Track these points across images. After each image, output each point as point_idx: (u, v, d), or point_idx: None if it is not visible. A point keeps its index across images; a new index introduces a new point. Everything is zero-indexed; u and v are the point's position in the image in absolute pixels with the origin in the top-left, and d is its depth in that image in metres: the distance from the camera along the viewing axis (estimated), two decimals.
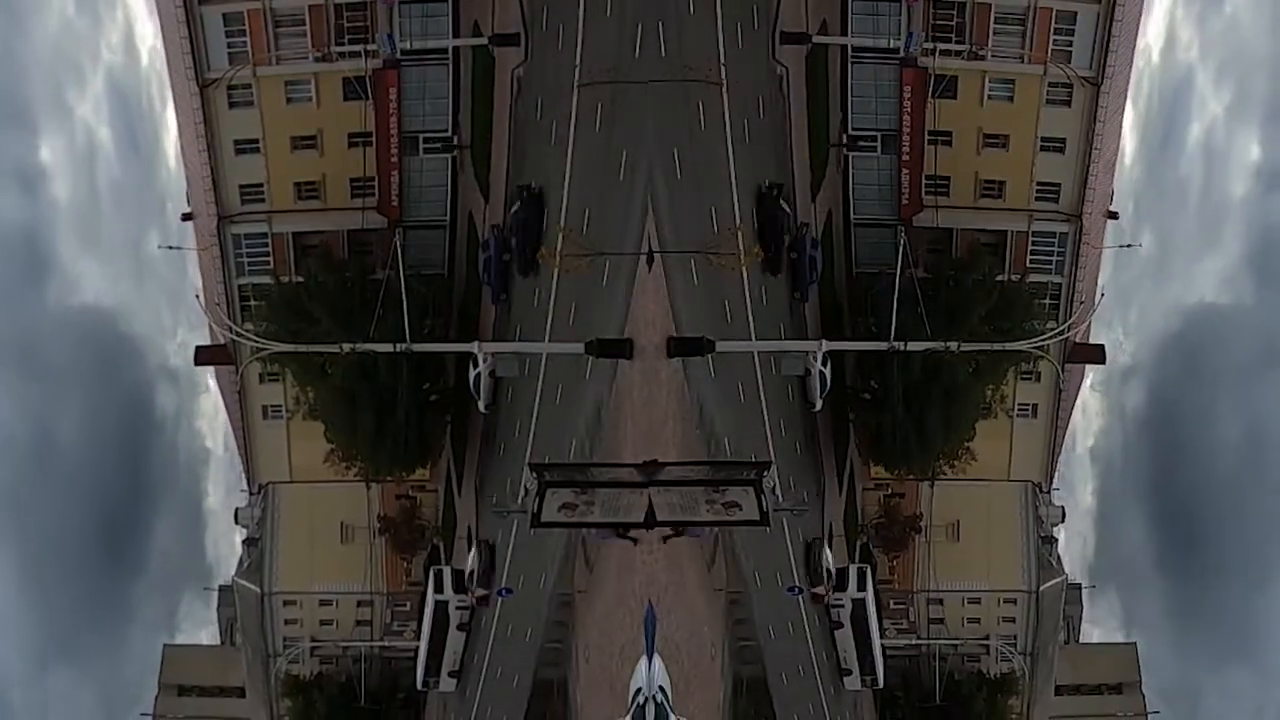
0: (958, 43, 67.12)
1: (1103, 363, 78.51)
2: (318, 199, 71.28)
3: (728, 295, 61.07)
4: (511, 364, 61.42)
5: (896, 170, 69.85)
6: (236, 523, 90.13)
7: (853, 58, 68.19)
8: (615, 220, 58.68)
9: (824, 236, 70.40)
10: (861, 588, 74.01)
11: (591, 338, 56.59)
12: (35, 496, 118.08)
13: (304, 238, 71.48)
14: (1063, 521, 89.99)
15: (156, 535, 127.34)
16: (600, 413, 62.07)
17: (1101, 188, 71.25)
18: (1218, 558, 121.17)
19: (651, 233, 57.14)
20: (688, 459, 59.32)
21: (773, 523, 55.45)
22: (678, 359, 58.64)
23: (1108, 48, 66.67)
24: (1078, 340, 74.22)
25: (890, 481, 79.62)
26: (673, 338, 57.62)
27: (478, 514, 76.63)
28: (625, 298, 58.37)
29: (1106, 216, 73.09)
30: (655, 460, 53.31)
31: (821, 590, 70.89)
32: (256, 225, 71.45)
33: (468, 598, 73.96)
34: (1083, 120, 68.82)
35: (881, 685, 78.04)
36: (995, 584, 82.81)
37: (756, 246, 61.53)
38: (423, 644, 75.36)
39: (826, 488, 77.56)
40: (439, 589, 74.09)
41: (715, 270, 59.73)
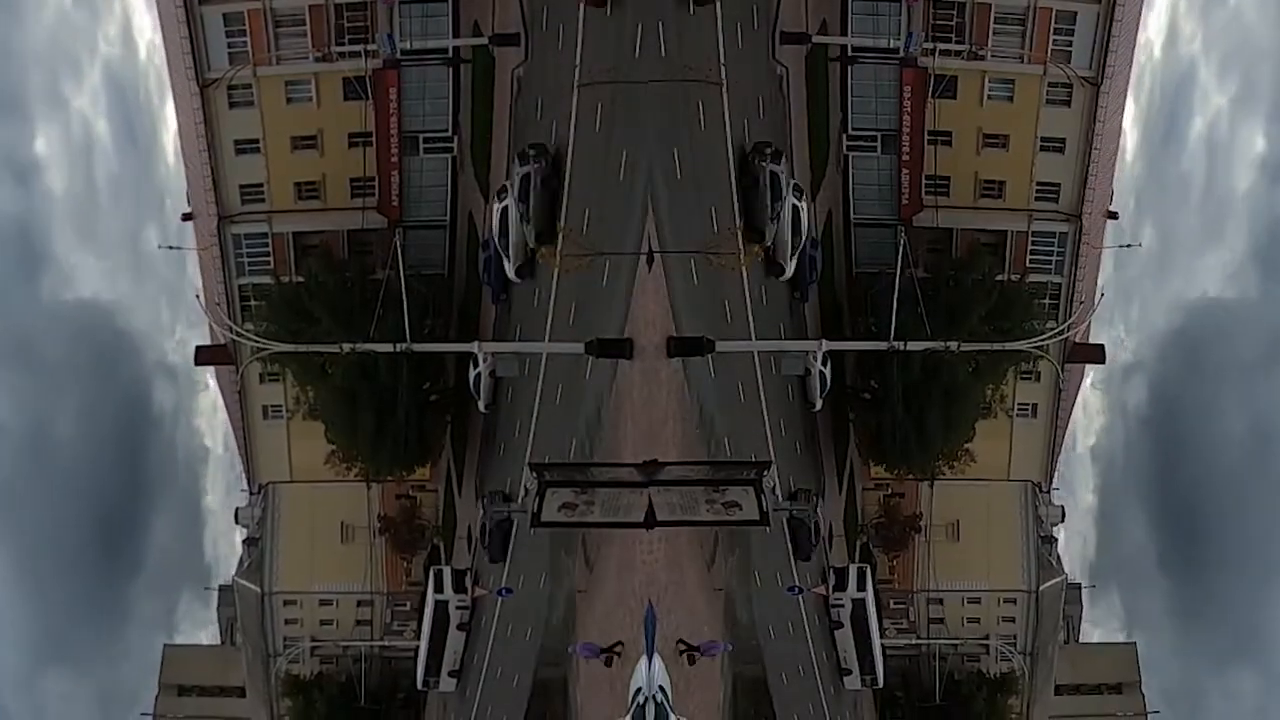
0: (957, 43, 67.14)
1: (1102, 362, 78.62)
2: (318, 199, 71.32)
3: (728, 295, 61.07)
4: (511, 364, 61.45)
5: (896, 170, 69.88)
6: (237, 522, 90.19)
7: (853, 58, 68.25)
8: (615, 220, 58.67)
9: (824, 236, 70.42)
10: (861, 587, 74.09)
11: (591, 338, 56.59)
12: (31, 493, 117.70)
13: (304, 238, 71.52)
14: (1062, 521, 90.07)
15: (154, 534, 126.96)
16: (600, 413, 62.08)
17: (1101, 187, 71.28)
18: (1220, 557, 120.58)
19: (651, 233, 57.11)
20: (688, 459, 59.34)
21: (773, 522, 55.66)
22: (678, 359, 58.63)
23: (1107, 47, 66.69)
24: (1077, 340, 74.27)
25: (890, 481, 79.67)
26: (673, 338, 57.61)
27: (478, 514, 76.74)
28: (625, 298, 58.36)
29: (1106, 216, 73.13)
30: (655, 460, 53.41)
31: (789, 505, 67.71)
32: (257, 225, 71.48)
33: (468, 596, 74.20)
34: (1082, 120, 68.85)
35: (881, 685, 78.08)
36: (995, 584, 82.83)
37: (757, 246, 61.51)
38: (423, 644, 75.43)
39: (826, 487, 77.62)
40: (439, 589, 74.20)
41: (715, 270, 59.72)
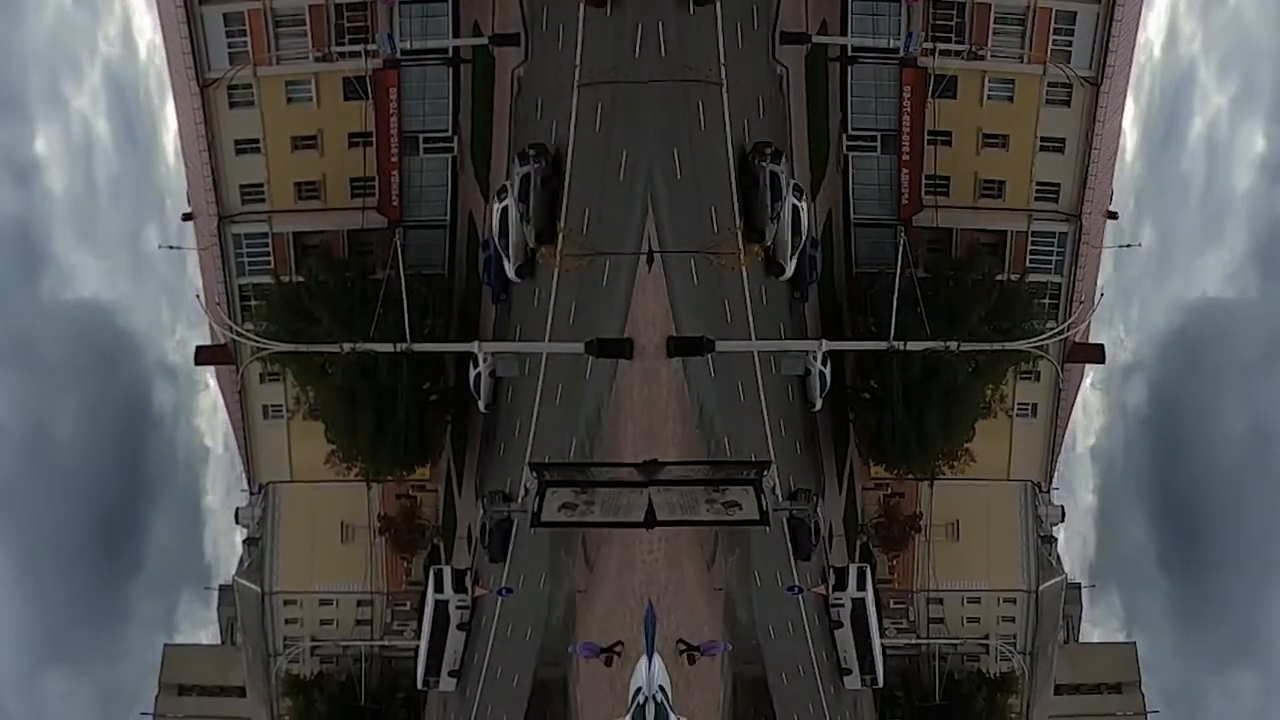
0: (957, 43, 67.18)
1: (1102, 362, 78.65)
2: (318, 199, 71.35)
3: (728, 295, 61.10)
4: (511, 364, 61.47)
5: (896, 170, 69.93)
6: (237, 522, 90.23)
7: (853, 58, 68.29)
8: (615, 220, 58.69)
9: (824, 236, 70.45)
10: (861, 587, 74.13)
11: (591, 338, 56.61)
12: (30, 493, 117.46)
13: (304, 237, 71.55)
14: (1062, 521, 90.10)
15: (154, 534, 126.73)
16: (600, 413, 62.11)
17: (1101, 187, 71.32)
18: (1220, 556, 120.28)
19: (651, 233, 57.13)
20: (688, 459, 59.36)
21: (772, 522, 55.69)
22: (678, 359, 58.65)
23: (1107, 47, 66.74)
24: (1077, 340, 74.31)
25: (890, 481, 79.72)
26: (673, 338, 57.62)
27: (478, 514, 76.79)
28: (625, 298, 58.38)
29: (1106, 216, 73.18)
30: (655, 460, 53.44)
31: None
32: (257, 225, 71.52)
33: (468, 596, 74.21)
34: (1082, 120, 68.88)
35: (881, 685, 78.11)
36: (995, 583, 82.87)
37: (757, 246, 61.54)
38: (423, 643, 75.44)
39: (826, 487, 77.65)
40: (439, 588, 74.21)
41: (715, 270, 59.74)
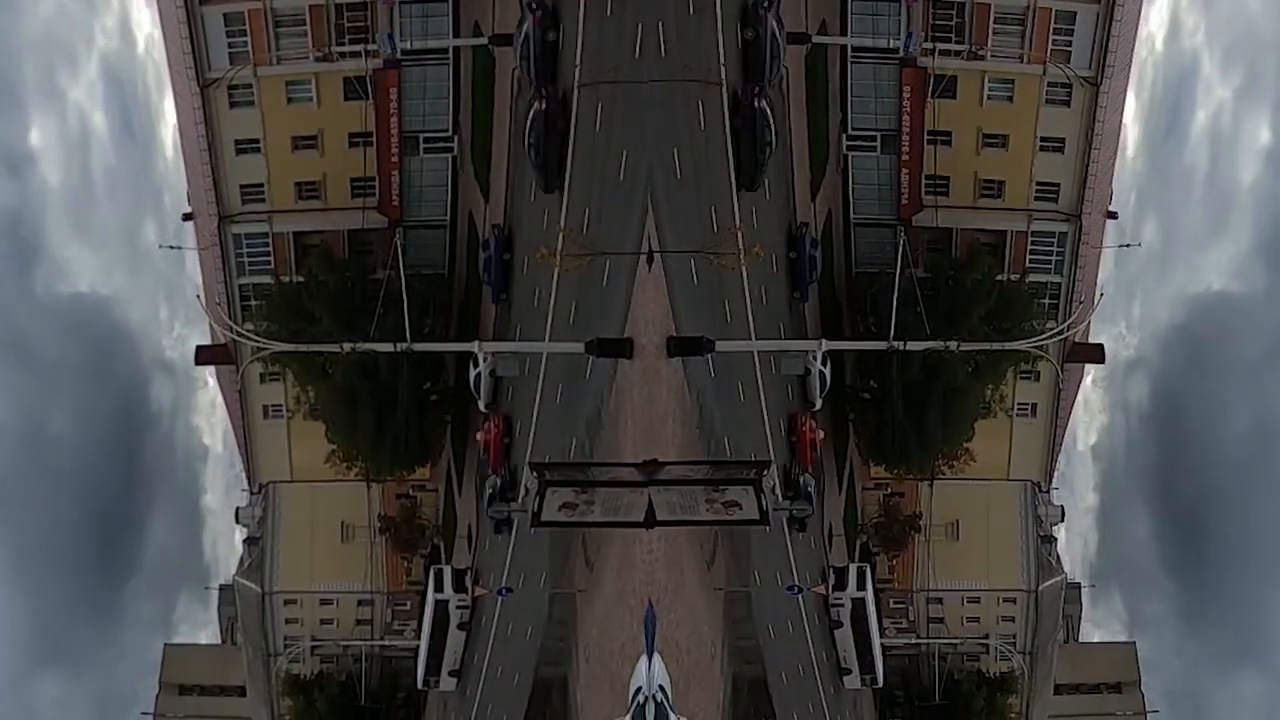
0: (957, 43, 67.25)
1: (1102, 362, 78.78)
2: (318, 199, 71.40)
3: (728, 295, 61.11)
4: (511, 363, 61.49)
5: (896, 170, 69.98)
6: (237, 522, 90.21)
7: (853, 58, 68.35)
8: (615, 220, 58.71)
9: (824, 236, 70.53)
10: (861, 587, 74.16)
11: (591, 338, 56.61)
12: (25, 491, 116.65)
13: (305, 237, 71.61)
14: (1062, 521, 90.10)
15: (152, 533, 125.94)
16: (600, 412, 62.12)
17: (1101, 187, 71.36)
18: (1224, 556, 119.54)
19: (651, 233, 57.14)
20: (688, 458, 59.37)
21: (772, 522, 55.68)
22: (677, 359, 58.67)
23: (1107, 47, 66.81)
24: (1077, 340, 74.37)
25: (890, 481, 79.78)
26: (673, 337, 57.62)
27: (478, 513, 76.78)
28: (625, 298, 58.40)
29: (1106, 216, 73.20)
30: (655, 459, 53.42)
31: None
32: (257, 225, 71.58)
33: (468, 595, 74.26)
34: (1082, 120, 68.94)
35: (881, 684, 78.18)
36: (994, 583, 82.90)
37: (757, 246, 61.58)
38: (423, 643, 75.49)
39: (826, 487, 77.65)
40: (439, 588, 74.24)
41: (715, 270, 59.74)
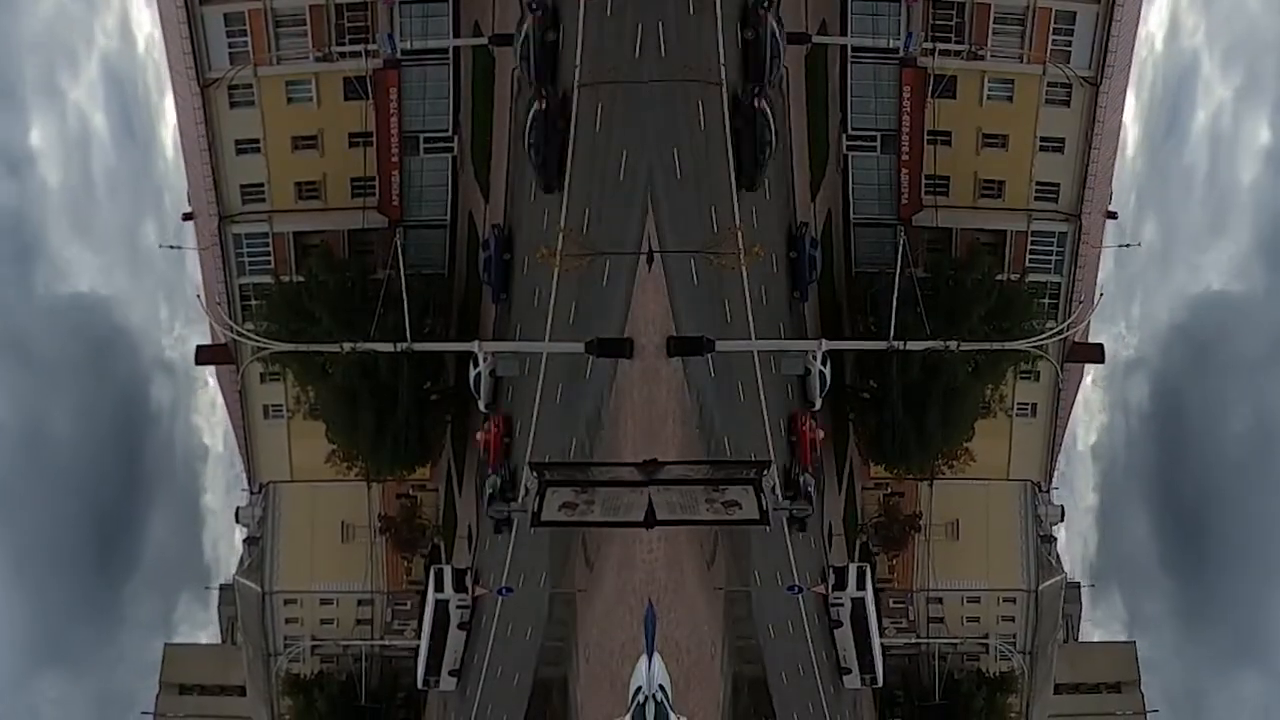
0: (957, 43, 67.28)
1: (1101, 362, 78.77)
2: (318, 199, 71.43)
3: (728, 295, 61.15)
4: (511, 363, 61.52)
5: (896, 170, 70.01)
6: (238, 522, 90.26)
7: (852, 58, 68.38)
8: (615, 220, 58.74)
9: (823, 236, 70.57)
10: (861, 587, 74.19)
11: (591, 337, 56.65)
12: (25, 491, 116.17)
13: (305, 237, 71.63)
14: (1062, 520, 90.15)
15: (152, 533, 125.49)
16: (600, 412, 62.15)
17: (1100, 187, 71.38)
18: (1224, 556, 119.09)
19: (651, 233, 57.18)
20: (687, 458, 59.40)
21: (772, 522, 55.72)
22: (677, 358, 58.71)
23: (1106, 47, 66.84)
24: (1077, 340, 74.40)
25: (890, 480, 79.81)
26: (673, 337, 57.66)
27: (478, 513, 76.83)
28: (625, 298, 58.43)
29: (1106, 216, 73.23)
30: (655, 459, 53.47)
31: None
32: (257, 225, 71.60)
33: (468, 595, 74.29)
34: (1082, 120, 68.97)
35: (881, 684, 78.19)
36: (994, 583, 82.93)
37: (757, 246, 61.62)
38: (423, 643, 75.51)
39: (826, 487, 77.68)
40: (439, 588, 74.27)
41: (715, 270, 59.78)
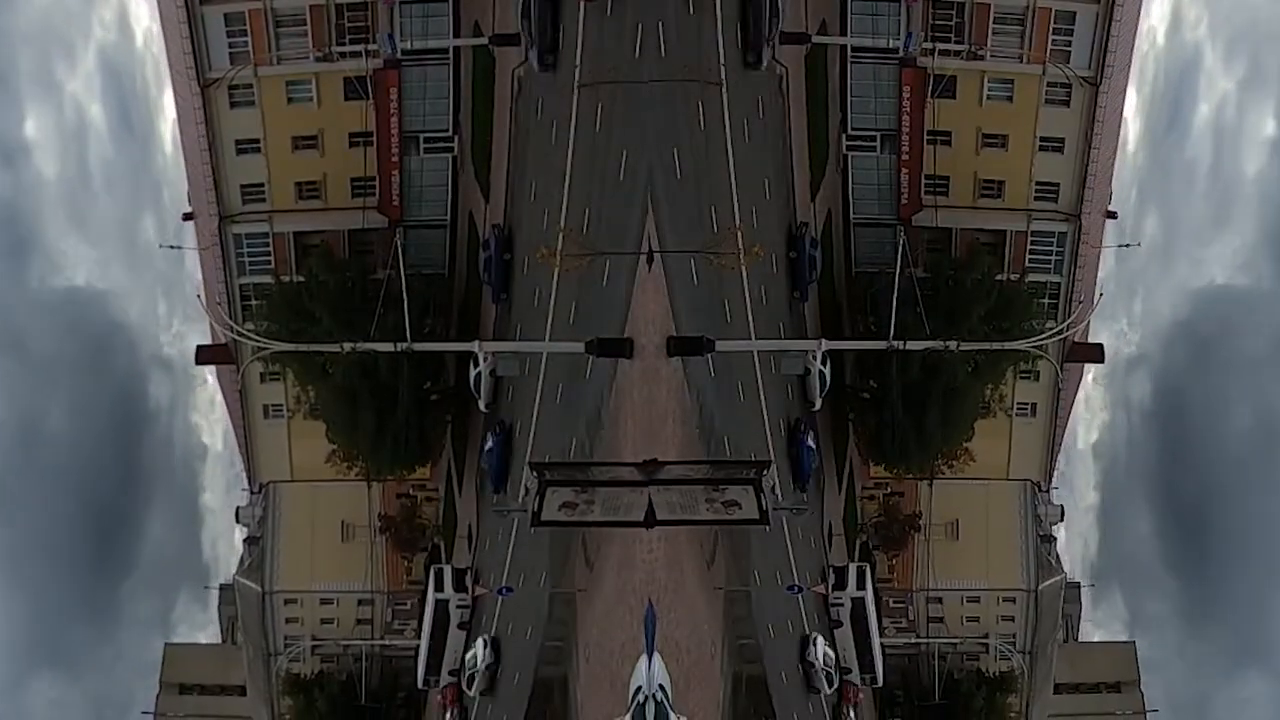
0: (957, 43, 67.32)
1: (1101, 362, 78.82)
2: (318, 199, 71.47)
3: (728, 295, 61.17)
4: (512, 363, 61.54)
5: (896, 170, 70.03)
6: (238, 521, 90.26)
7: (852, 58, 68.39)
8: (615, 220, 58.76)
9: (823, 236, 70.59)
10: (861, 586, 74.20)
11: (591, 337, 56.68)
12: (20, 488, 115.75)
13: (305, 237, 71.67)
14: (1061, 520, 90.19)
15: (150, 532, 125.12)
16: (600, 412, 62.16)
17: (1100, 187, 71.42)
18: (1227, 555, 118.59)
19: (651, 233, 57.18)
20: (687, 458, 59.40)
21: (772, 521, 55.69)
22: (677, 358, 58.72)
23: (1106, 47, 66.88)
24: (1077, 339, 74.44)
25: (889, 480, 79.82)
26: (673, 337, 57.67)
27: (478, 513, 76.82)
28: (625, 297, 58.45)
29: (1105, 216, 73.26)
30: (655, 459, 53.45)
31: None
32: (257, 225, 71.64)
33: (468, 595, 74.32)
34: (1081, 120, 69.01)
35: (881, 684, 78.17)
36: (994, 583, 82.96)
37: (757, 246, 61.65)
38: (423, 643, 75.51)
39: (826, 486, 77.71)
40: (439, 588, 74.27)
41: (715, 270, 59.80)
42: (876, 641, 75.62)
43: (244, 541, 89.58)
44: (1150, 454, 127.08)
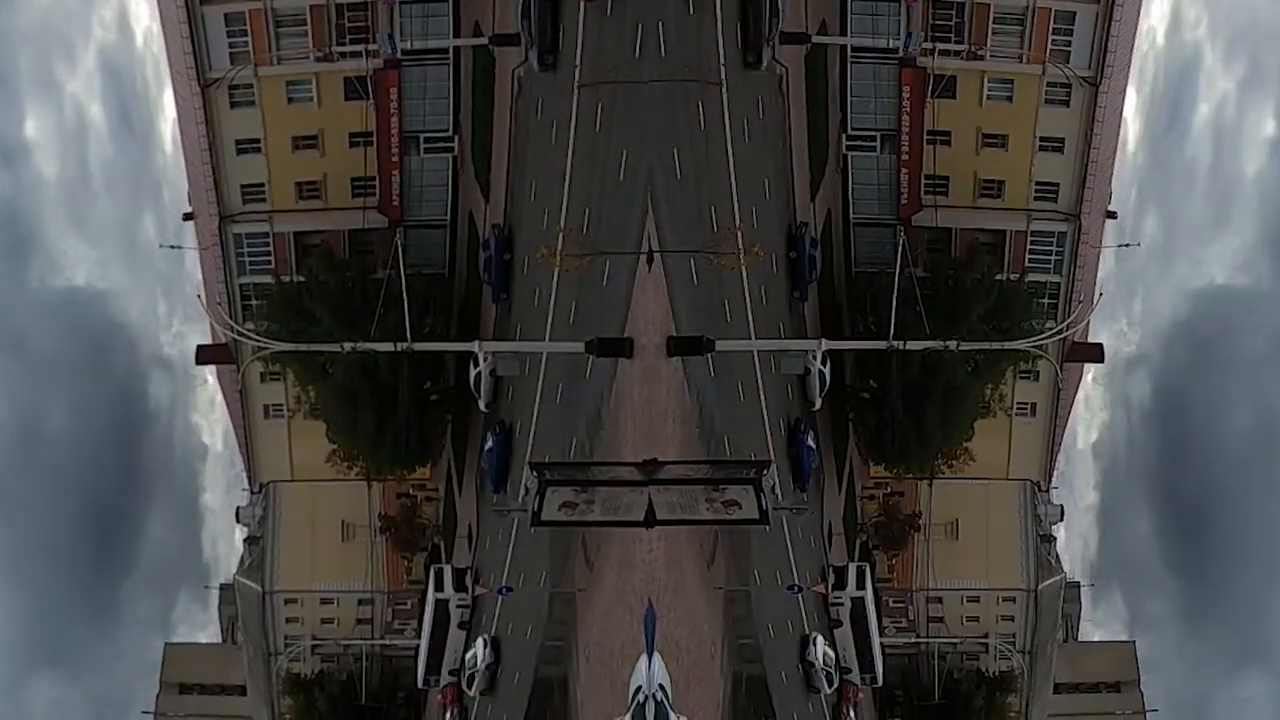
0: (956, 42, 67.34)
1: (1101, 361, 78.79)
2: (319, 199, 71.49)
3: (728, 295, 61.19)
4: (512, 363, 61.56)
5: (895, 170, 70.05)
6: (238, 521, 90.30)
7: (852, 58, 68.42)
8: (615, 220, 58.77)
9: (823, 236, 70.61)
10: (861, 586, 74.22)
11: (591, 337, 56.70)
12: (20, 488, 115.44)
13: (305, 237, 71.69)
14: (1061, 520, 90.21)
15: (150, 532, 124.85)
16: (600, 412, 62.18)
17: (1100, 187, 71.44)
18: (1227, 555, 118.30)
19: (651, 233, 57.20)
20: (687, 458, 59.41)
21: (772, 521, 55.73)
22: (677, 358, 58.74)
23: (1106, 47, 66.91)
24: (1076, 339, 74.46)
25: (889, 480, 79.84)
26: (673, 337, 57.69)
27: (478, 513, 76.83)
28: (625, 297, 58.46)
29: (1105, 216, 73.29)
30: (655, 459, 53.46)
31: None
32: (258, 225, 71.67)
33: (468, 595, 74.34)
34: (1081, 120, 69.04)
35: (881, 684, 78.19)
36: (994, 582, 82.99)
37: (757, 246, 61.68)
38: (423, 643, 75.54)
39: (826, 486, 77.72)
40: (439, 587, 74.30)
41: (715, 270, 59.83)
42: (876, 641, 75.63)
43: (244, 541, 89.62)
44: (1150, 454, 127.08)
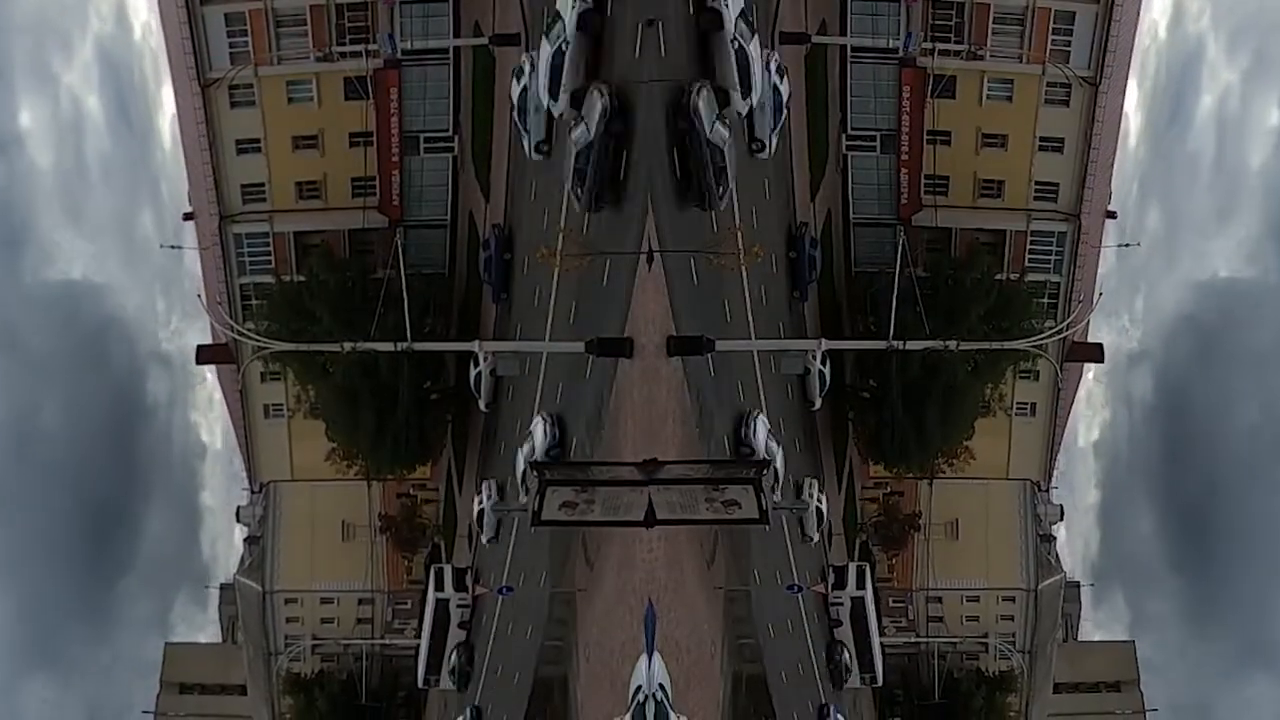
0: (956, 42, 67.37)
1: (1101, 361, 78.85)
2: (319, 198, 71.53)
3: (728, 295, 61.18)
4: (512, 363, 61.57)
5: (895, 170, 70.10)
6: (238, 521, 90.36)
7: (852, 58, 68.44)
8: (615, 220, 58.73)
9: (823, 236, 70.61)
10: (860, 586, 74.27)
11: (591, 337, 56.70)
12: (16, 485, 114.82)
13: (305, 237, 71.74)
14: (1061, 520, 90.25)
15: (148, 530, 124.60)
16: (600, 412, 62.19)
17: (1100, 187, 71.47)
18: (1230, 554, 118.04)
19: (651, 233, 57.17)
20: (687, 458, 59.41)
21: (772, 521, 55.73)
22: (677, 358, 58.74)
23: (1106, 47, 66.95)
24: (1076, 339, 74.48)
25: (889, 480, 79.89)
26: (672, 337, 57.70)
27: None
28: (625, 297, 58.45)
29: (1105, 216, 73.32)
30: (655, 459, 53.46)
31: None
32: (258, 225, 71.71)
33: (468, 595, 74.39)
34: (1081, 120, 69.08)
35: (881, 683, 78.25)
36: (994, 582, 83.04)
37: (757, 246, 61.65)
38: (424, 642, 75.61)
39: (826, 486, 77.68)
40: (440, 587, 74.37)
41: (715, 270, 59.81)
42: (876, 641, 75.71)
43: (244, 541, 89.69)
44: (1152, 451, 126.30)
